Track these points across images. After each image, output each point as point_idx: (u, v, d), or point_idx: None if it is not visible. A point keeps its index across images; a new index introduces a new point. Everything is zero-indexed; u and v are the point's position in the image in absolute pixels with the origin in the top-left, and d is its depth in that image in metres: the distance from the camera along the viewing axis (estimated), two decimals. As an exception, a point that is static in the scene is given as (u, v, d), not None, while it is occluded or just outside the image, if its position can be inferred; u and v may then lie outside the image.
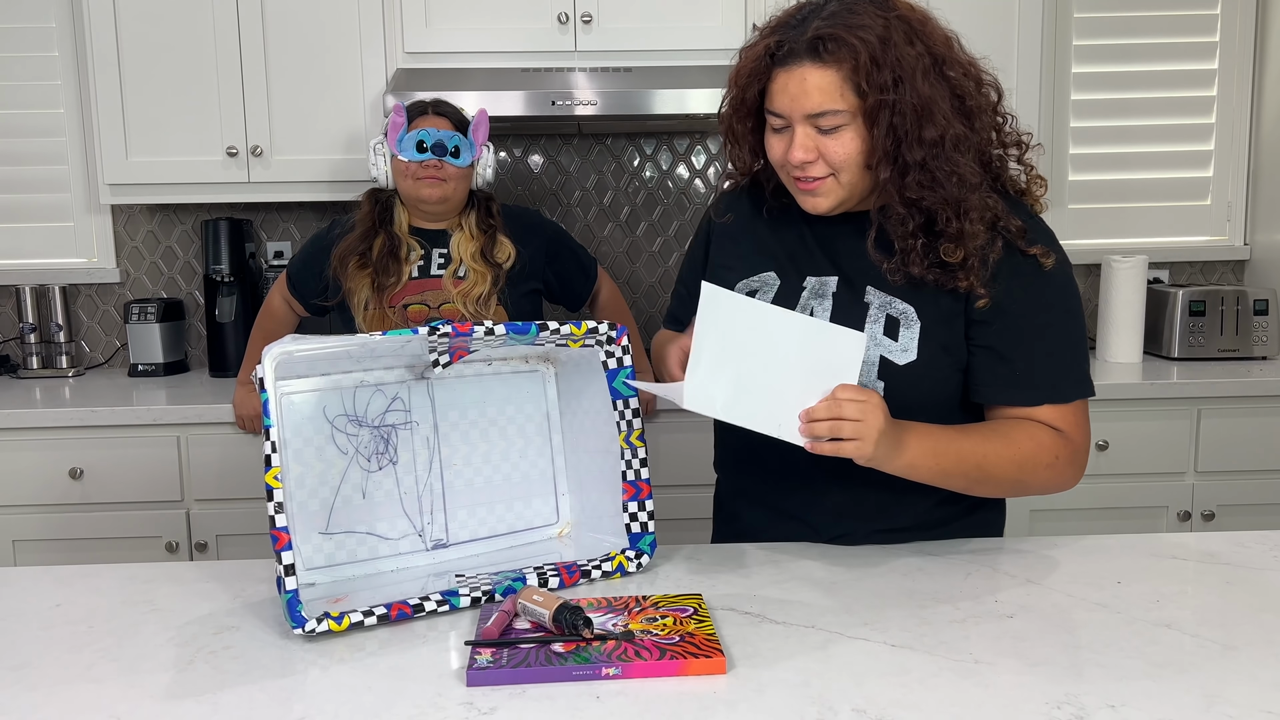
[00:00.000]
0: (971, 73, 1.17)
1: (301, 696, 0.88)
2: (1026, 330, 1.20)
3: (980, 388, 1.23)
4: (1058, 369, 1.21)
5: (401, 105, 2.03)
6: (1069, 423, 1.21)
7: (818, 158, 1.16)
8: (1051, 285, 1.20)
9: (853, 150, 1.15)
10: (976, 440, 1.18)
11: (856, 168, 1.16)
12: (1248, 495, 2.45)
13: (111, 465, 2.31)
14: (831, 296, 1.25)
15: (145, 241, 2.88)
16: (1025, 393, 1.21)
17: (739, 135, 1.25)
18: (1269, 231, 2.90)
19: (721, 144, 1.34)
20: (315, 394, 1.15)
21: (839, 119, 1.13)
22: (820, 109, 1.13)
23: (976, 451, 1.18)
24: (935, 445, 1.16)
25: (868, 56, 1.10)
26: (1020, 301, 1.19)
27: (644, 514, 1.20)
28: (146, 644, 1.00)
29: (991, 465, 1.18)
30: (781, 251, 1.30)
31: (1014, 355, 1.20)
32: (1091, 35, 2.90)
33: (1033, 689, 0.87)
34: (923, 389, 1.21)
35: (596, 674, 0.90)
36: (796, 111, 1.15)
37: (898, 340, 1.21)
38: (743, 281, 1.31)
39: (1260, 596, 1.07)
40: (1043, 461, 1.19)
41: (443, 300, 2.03)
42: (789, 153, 1.17)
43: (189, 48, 2.49)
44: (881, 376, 1.20)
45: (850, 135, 1.14)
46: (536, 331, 1.14)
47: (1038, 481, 1.21)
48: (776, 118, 1.18)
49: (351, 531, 1.17)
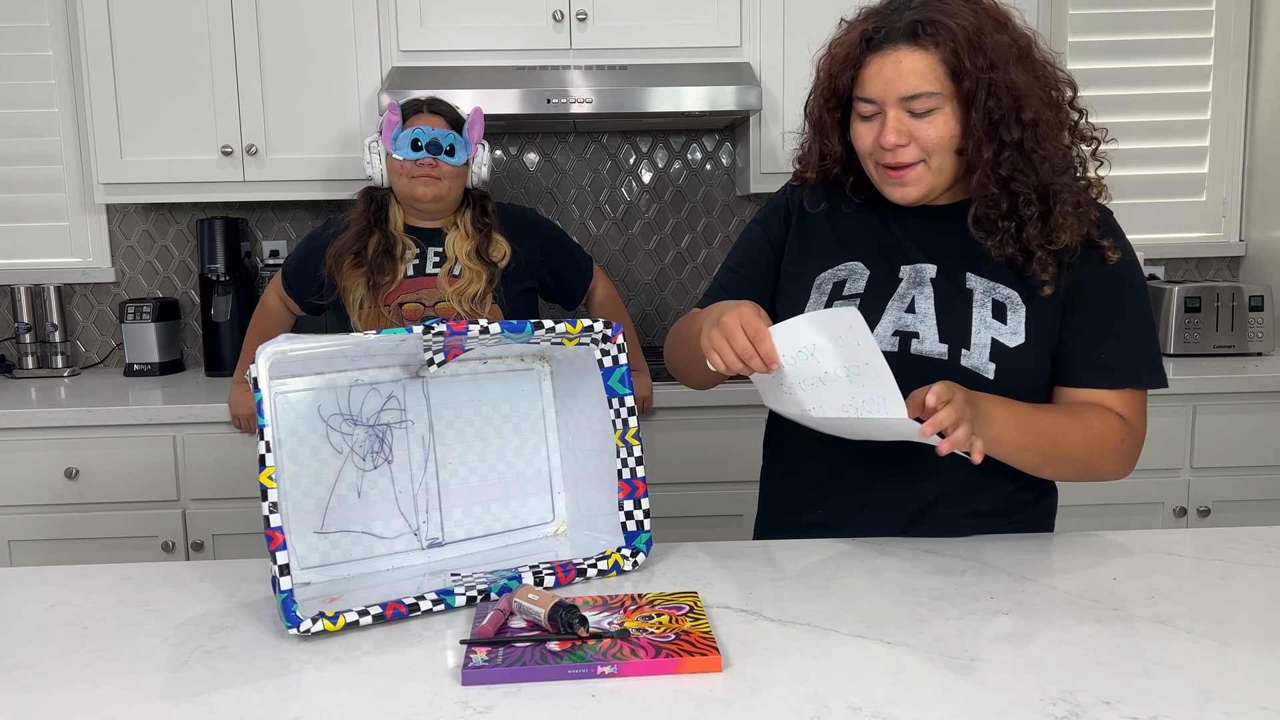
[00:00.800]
0: (1050, 70, 1.22)
1: (297, 696, 0.88)
2: (1110, 315, 1.23)
3: (1068, 371, 1.25)
4: (1138, 355, 1.24)
5: (396, 104, 2.02)
6: (1135, 412, 1.24)
7: (910, 141, 1.18)
8: (1129, 273, 1.25)
9: (945, 133, 1.18)
10: (1053, 416, 1.21)
11: (948, 152, 1.19)
12: (1243, 491, 2.45)
13: (107, 465, 2.31)
14: (930, 284, 1.26)
15: (140, 241, 2.88)
16: (1108, 376, 1.23)
17: (827, 126, 1.27)
18: (1264, 228, 2.91)
19: (802, 137, 1.34)
20: (310, 393, 1.14)
21: (933, 101, 1.17)
22: (915, 91, 1.16)
23: (1053, 426, 1.19)
24: (1017, 416, 1.17)
25: (965, 39, 1.14)
26: (1104, 288, 1.23)
27: (640, 512, 1.20)
28: (141, 644, 1.00)
29: (1066, 442, 1.20)
30: (870, 242, 1.30)
31: (1100, 339, 1.23)
32: (1087, 32, 2.91)
33: (1028, 686, 0.87)
34: (1032, 371, 1.24)
35: (592, 672, 0.90)
36: (891, 95, 1.17)
37: (1006, 324, 1.23)
38: (830, 270, 1.31)
39: (1256, 593, 1.07)
40: (1110, 444, 1.22)
41: (438, 299, 2.03)
42: (881, 136, 1.19)
43: (183, 46, 2.48)
44: (993, 359, 1.22)
45: (943, 119, 1.17)
46: (531, 330, 1.14)
47: (1103, 464, 1.23)
48: (868, 104, 1.20)
49: (347, 531, 1.16)
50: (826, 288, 1.30)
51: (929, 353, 1.23)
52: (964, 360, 1.22)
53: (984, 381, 1.22)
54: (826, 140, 1.28)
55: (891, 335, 1.25)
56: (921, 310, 1.25)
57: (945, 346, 1.23)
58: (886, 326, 1.25)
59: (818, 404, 1.13)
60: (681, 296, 2.97)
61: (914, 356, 1.23)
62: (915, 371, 1.22)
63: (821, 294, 1.30)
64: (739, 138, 2.81)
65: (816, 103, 1.27)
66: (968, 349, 1.22)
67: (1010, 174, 1.17)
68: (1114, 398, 1.24)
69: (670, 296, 2.97)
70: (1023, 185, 1.17)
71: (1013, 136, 1.16)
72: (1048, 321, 1.24)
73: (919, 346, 1.24)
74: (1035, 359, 1.23)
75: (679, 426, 2.35)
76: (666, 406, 2.35)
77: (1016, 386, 1.22)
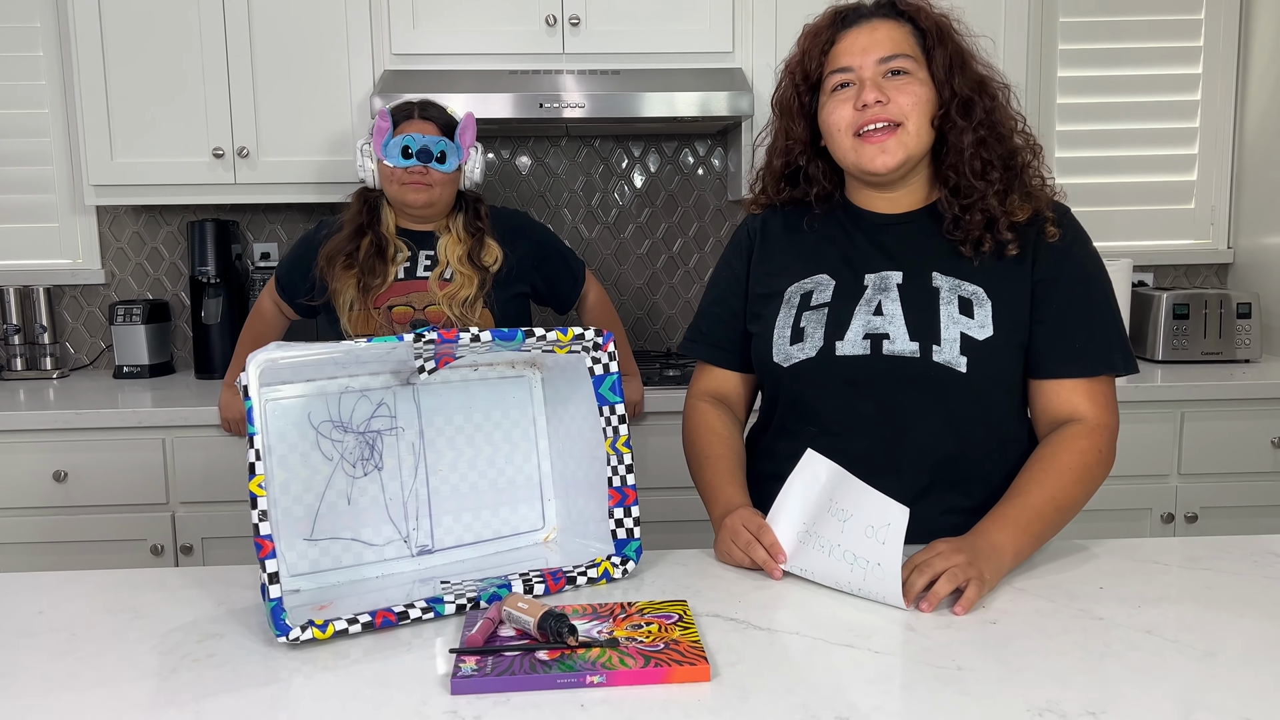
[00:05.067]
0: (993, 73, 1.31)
1: (285, 705, 0.88)
2: (1080, 306, 1.26)
3: (1041, 362, 1.27)
4: (1108, 342, 1.27)
5: (386, 110, 2.02)
6: (1103, 402, 1.27)
7: (889, 101, 1.23)
8: (1093, 264, 1.29)
9: (921, 98, 1.24)
10: (1036, 490, 1.21)
11: (923, 118, 1.25)
12: (1230, 498, 2.47)
13: (96, 468, 2.30)
14: (897, 289, 1.28)
15: (131, 243, 2.87)
16: (1082, 364, 1.26)
17: (794, 109, 1.32)
18: (1252, 235, 2.92)
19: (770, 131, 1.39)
20: (300, 400, 1.14)
21: (909, 64, 1.24)
22: (893, 52, 1.24)
23: (1044, 497, 1.20)
24: (1017, 522, 1.18)
25: (935, 26, 1.26)
26: (1071, 280, 1.27)
27: (630, 520, 1.20)
28: (129, 652, 1.00)
29: (1062, 499, 1.21)
30: (834, 255, 1.33)
31: (1072, 330, 1.26)
32: (1077, 40, 2.92)
33: (1014, 695, 0.87)
34: (1001, 365, 1.26)
35: (581, 682, 0.90)
36: (869, 58, 1.24)
37: (974, 319, 1.25)
38: (796, 284, 1.33)
39: (1241, 603, 1.08)
40: (1091, 462, 1.24)
41: (428, 302, 2.03)
42: (861, 96, 1.23)
43: (175, 48, 2.48)
44: (964, 352, 1.24)
45: (918, 84, 1.24)
46: (522, 337, 1.14)
47: (1097, 482, 1.26)
48: (842, 73, 1.25)
49: (336, 538, 1.16)
50: (795, 300, 1.33)
51: (901, 352, 1.25)
52: (936, 356, 1.24)
53: (957, 376, 1.24)
54: (793, 123, 1.32)
55: (862, 339, 1.27)
56: (889, 312, 1.27)
57: (916, 345, 1.25)
58: (856, 331, 1.27)
59: (818, 569, 1.14)
60: (673, 301, 2.97)
61: (886, 357, 1.25)
62: (890, 372, 1.25)
63: (790, 307, 1.33)
64: (731, 143, 2.81)
65: (786, 84, 1.33)
66: (938, 345, 1.24)
67: (984, 136, 1.25)
68: (1084, 391, 1.26)
69: (662, 301, 2.98)
70: (991, 152, 1.25)
71: (984, 106, 1.25)
72: (1016, 315, 1.26)
73: (890, 347, 1.25)
74: (1005, 351, 1.25)
75: (671, 431, 2.35)
76: (658, 411, 2.35)
77: (988, 379, 1.25)
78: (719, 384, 1.43)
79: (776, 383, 1.34)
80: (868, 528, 1.09)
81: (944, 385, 1.24)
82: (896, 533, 1.07)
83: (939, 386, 1.25)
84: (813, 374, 1.29)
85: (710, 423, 1.40)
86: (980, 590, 1.07)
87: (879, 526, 1.08)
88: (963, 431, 1.27)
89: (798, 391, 1.32)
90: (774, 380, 1.35)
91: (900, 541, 1.06)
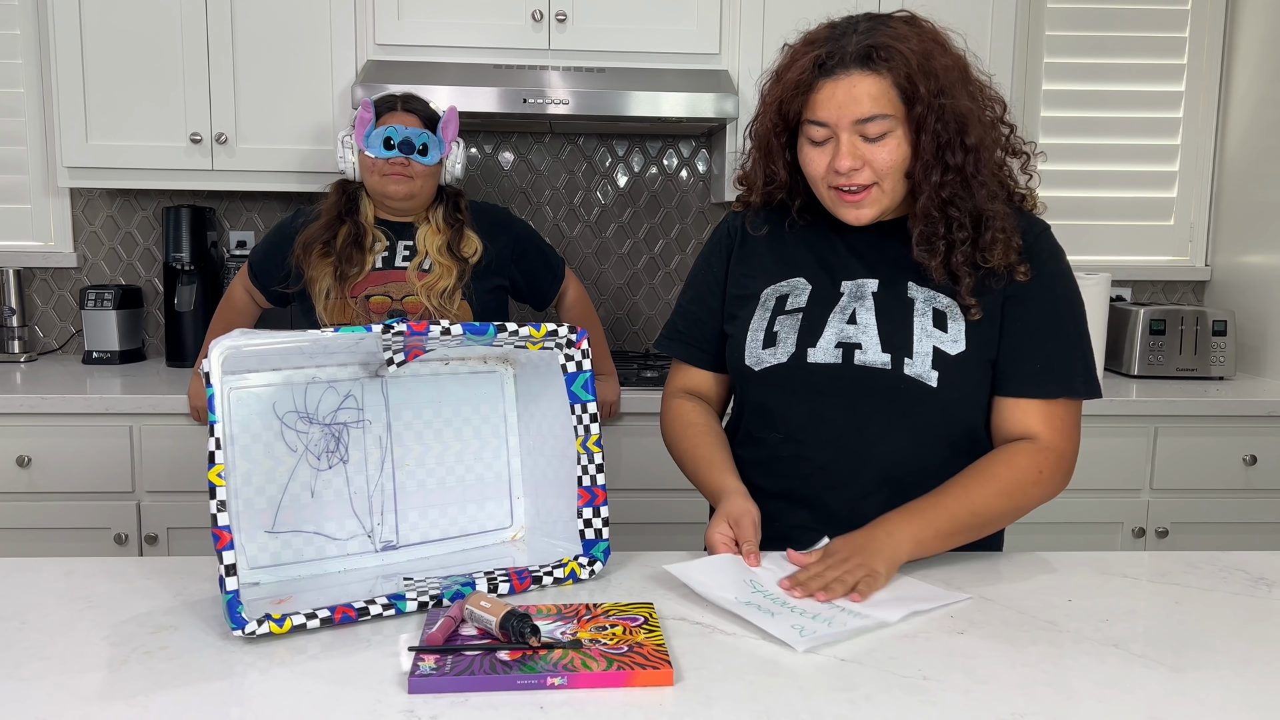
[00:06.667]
0: (985, 90, 1.25)
1: (238, 700, 0.86)
2: (1046, 327, 1.25)
3: (1004, 380, 1.26)
4: (1070, 366, 1.26)
5: (369, 100, 2.00)
6: (1060, 426, 1.25)
7: (864, 165, 1.19)
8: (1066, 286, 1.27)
9: (898, 157, 1.20)
10: (957, 492, 1.21)
11: (899, 175, 1.21)
12: (1201, 513, 2.48)
13: (61, 454, 2.26)
14: (872, 297, 1.27)
15: (104, 226, 2.82)
16: (1043, 385, 1.25)
17: (774, 150, 1.28)
18: (1230, 253, 2.94)
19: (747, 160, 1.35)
20: (265, 389, 1.12)
21: (886, 125, 1.18)
22: (870, 114, 1.17)
23: (961, 500, 1.20)
24: (921, 517, 1.18)
25: (916, 64, 1.17)
26: (1040, 300, 1.25)
27: (599, 520, 1.19)
28: (79, 642, 0.97)
29: (981, 507, 1.21)
30: (811, 260, 1.32)
31: (1035, 350, 1.25)
32: (1062, 53, 2.93)
33: (979, 707, 0.86)
34: (972, 379, 1.25)
35: (541, 684, 0.89)
36: (845, 119, 1.18)
37: (947, 332, 1.24)
38: (772, 286, 1.32)
39: (1208, 618, 1.08)
40: (1028, 480, 1.23)
41: (406, 293, 2.01)
42: (836, 161, 1.20)
43: (154, 29, 2.44)
44: (936, 366, 1.23)
45: (895, 142, 1.19)
46: (494, 332, 1.13)
47: (1030, 501, 1.24)
48: (819, 127, 1.21)
49: (299, 531, 1.14)
50: (770, 303, 1.32)
51: (872, 363, 1.24)
52: (907, 369, 1.23)
53: (927, 389, 1.23)
54: (773, 165, 1.29)
55: (834, 347, 1.26)
56: (863, 321, 1.26)
57: (888, 356, 1.24)
58: (829, 339, 1.26)
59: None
60: (654, 301, 2.96)
61: (858, 368, 1.25)
62: (859, 382, 1.25)
63: (765, 309, 1.32)
64: (715, 145, 2.80)
65: (764, 127, 1.28)
66: (910, 358, 1.24)
67: (950, 197, 1.20)
68: (1040, 412, 1.25)
69: (642, 301, 2.96)
70: (958, 211, 1.21)
71: (956, 161, 1.19)
72: (987, 330, 1.25)
73: (862, 357, 1.25)
74: (976, 366, 1.25)
75: (647, 432, 2.33)
76: (635, 412, 2.34)
77: (958, 394, 1.24)
78: (695, 383, 1.42)
79: (745, 386, 1.33)
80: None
81: (913, 398, 1.24)
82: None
83: (908, 399, 1.24)
84: (783, 379, 1.28)
85: (687, 416, 1.39)
86: (874, 584, 1.10)
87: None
88: (928, 445, 1.26)
89: (765, 395, 1.31)
90: (743, 383, 1.34)
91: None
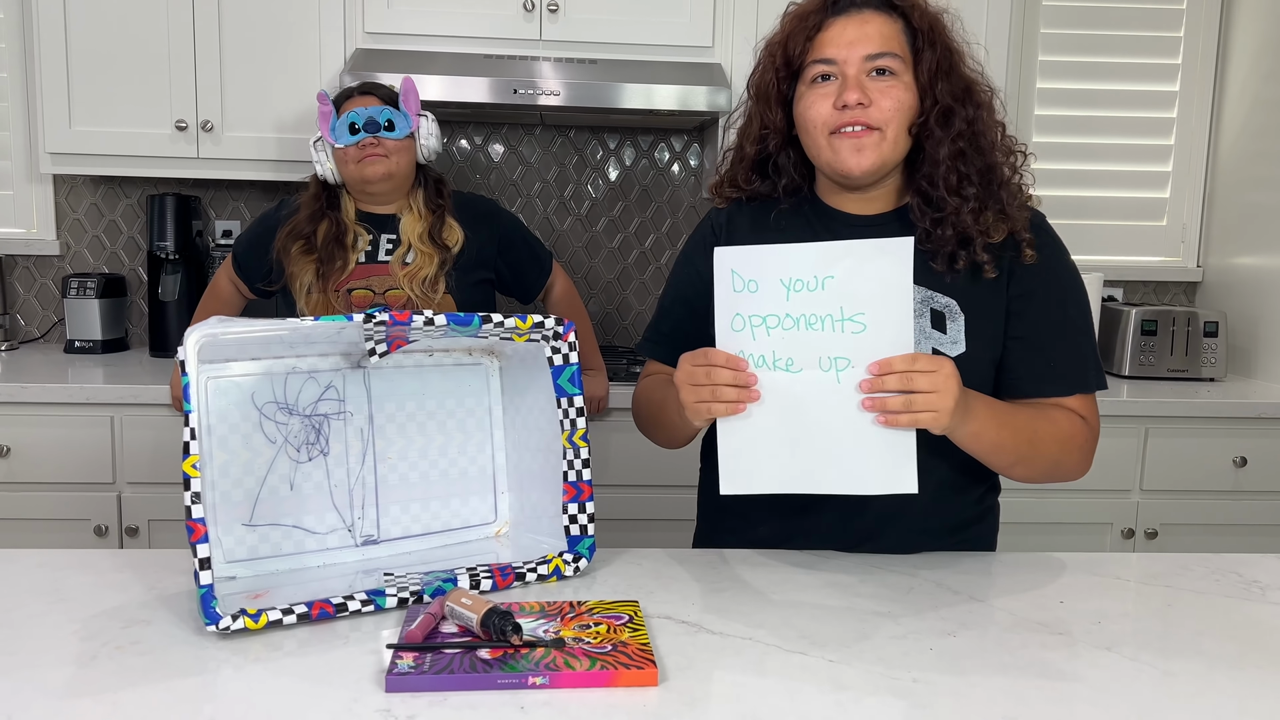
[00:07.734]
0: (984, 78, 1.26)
1: (210, 698, 0.84)
2: (1057, 323, 1.23)
3: (1018, 381, 1.24)
4: (1083, 360, 1.24)
5: (325, 94, 1.97)
6: (1090, 411, 1.25)
7: (870, 103, 1.17)
8: (1070, 278, 1.25)
9: (905, 102, 1.18)
10: (1030, 414, 1.20)
11: (902, 125, 1.19)
12: (1190, 515, 2.47)
13: (41, 443, 2.22)
14: None
15: (88, 214, 2.79)
16: (1057, 384, 1.23)
17: (772, 95, 1.25)
18: (1222, 254, 2.93)
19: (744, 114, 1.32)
20: (244, 379, 1.10)
21: (895, 63, 1.18)
22: (881, 49, 1.17)
23: (1030, 425, 1.19)
24: (998, 414, 1.16)
25: (929, 23, 1.19)
26: (1049, 296, 1.23)
27: (584, 516, 1.17)
28: (48, 637, 0.94)
29: (1041, 440, 1.19)
30: None
31: (1049, 347, 1.23)
32: (1056, 52, 2.92)
33: (969, 710, 0.85)
34: (973, 381, 1.21)
35: (522, 683, 0.87)
36: (854, 53, 1.17)
37: (946, 333, 1.22)
38: None
39: (1200, 620, 1.06)
40: (1077, 443, 1.22)
41: (389, 286, 1.98)
42: (843, 94, 1.17)
43: (140, 14, 2.40)
44: None
45: (902, 87, 1.18)
46: (479, 323, 1.10)
47: (1070, 463, 1.23)
48: (825, 64, 1.19)
49: (277, 524, 1.12)
50: None
51: None
52: None
53: None
54: (769, 110, 1.25)
55: None
56: None
57: None
58: None
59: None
60: (644, 296, 2.94)
61: None
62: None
63: None
64: (707, 139, 2.78)
65: (765, 66, 1.26)
66: None
67: (962, 149, 1.19)
68: (1073, 401, 1.24)
69: (632, 296, 2.94)
70: (969, 166, 1.20)
71: (966, 115, 1.19)
72: (989, 330, 1.23)
73: None
74: (978, 367, 1.22)
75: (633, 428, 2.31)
76: (622, 407, 2.31)
77: None
78: None
79: None
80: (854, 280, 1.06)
81: None
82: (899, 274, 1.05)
83: None
84: None
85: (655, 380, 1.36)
86: (930, 427, 1.06)
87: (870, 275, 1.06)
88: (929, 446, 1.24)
89: None
90: None
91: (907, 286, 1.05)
